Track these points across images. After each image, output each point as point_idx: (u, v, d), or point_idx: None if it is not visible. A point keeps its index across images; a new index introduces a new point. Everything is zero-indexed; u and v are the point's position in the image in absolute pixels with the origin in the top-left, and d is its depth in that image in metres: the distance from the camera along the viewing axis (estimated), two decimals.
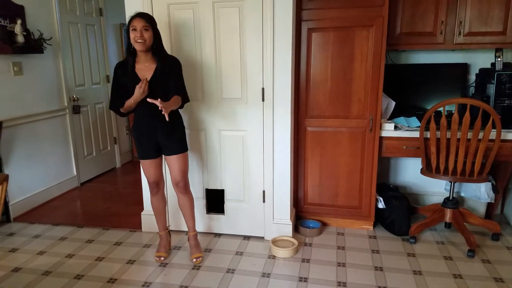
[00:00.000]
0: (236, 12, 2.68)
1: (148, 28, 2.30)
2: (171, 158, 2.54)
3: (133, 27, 2.30)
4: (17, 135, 3.50)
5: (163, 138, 2.49)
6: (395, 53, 3.32)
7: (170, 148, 2.51)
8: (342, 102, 2.93)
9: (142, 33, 2.29)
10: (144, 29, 2.29)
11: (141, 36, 2.28)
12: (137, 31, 2.28)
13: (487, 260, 2.66)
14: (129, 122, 5.27)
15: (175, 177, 2.58)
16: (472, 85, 3.23)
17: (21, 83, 3.53)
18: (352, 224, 3.17)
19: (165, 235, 2.80)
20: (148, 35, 2.31)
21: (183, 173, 2.59)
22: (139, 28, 2.28)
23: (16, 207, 3.50)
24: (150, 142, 2.51)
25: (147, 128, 2.48)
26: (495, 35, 2.87)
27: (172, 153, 2.52)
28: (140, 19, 2.29)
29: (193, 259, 2.71)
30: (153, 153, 2.54)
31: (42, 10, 3.73)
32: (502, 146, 2.78)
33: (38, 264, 2.72)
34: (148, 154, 2.53)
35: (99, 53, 4.61)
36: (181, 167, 2.57)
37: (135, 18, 2.30)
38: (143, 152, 2.53)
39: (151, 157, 2.54)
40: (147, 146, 2.51)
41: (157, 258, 2.73)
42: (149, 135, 2.49)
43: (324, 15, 2.81)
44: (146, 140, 2.50)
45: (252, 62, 2.74)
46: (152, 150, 2.53)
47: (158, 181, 2.65)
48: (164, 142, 2.50)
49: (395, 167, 3.54)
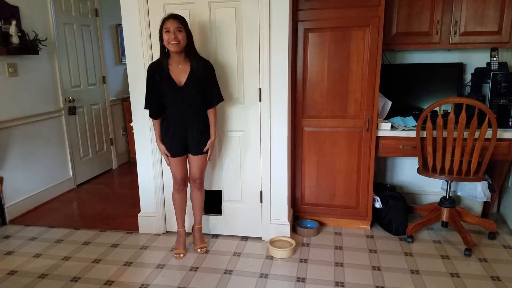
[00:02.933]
0: (232, 13, 2.67)
1: (182, 29, 2.36)
2: (195, 157, 2.66)
3: (166, 29, 2.34)
4: (12, 137, 3.48)
5: (192, 139, 2.61)
6: (391, 53, 3.32)
7: (196, 148, 2.63)
8: (339, 102, 2.93)
9: (176, 35, 2.33)
10: (178, 30, 2.34)
11: (175, 37, 2.33)
12: (171, 32, 2.33)
13: (484, 259, 2.67)
14: (125, 122, 5.25)
15: (194, 173, 2.71)
16: (468, 84, 3.24)
17: (16, 84, 3.50)
18: (350, 224, 3.17)
19: (183, 232, 2.86)
20: (181, 36, 2.36)
21: (202, 171, 2.73)
22: (172, 30, 2.33)
23: (11, 210, 3.48)
24: (180, 142, 2.61)
25: (179, 129, 2.58)
26: (490, 34, 2.89)
27: (197, 153, 2.64)
28: (173, 20, 2.34)
29: (198, 249, 2.82)
30: (181, 152, 2.64)
31: (37, 11, 3.71)
32: (498, 145, 2.80)
33: (34, 267, 2.70)
34: (177, 152, 2.63)
35: (95, 54, 4.59)
36: (201, 166, 2.70)
37: (168, 19, 2.35)
38: (173, 151, 2.63)
39: (180, 155, 2.65)
40: (177, 145, 2.61)
41: (176, 255, 2.77)
42: (180, 136, 2.60)
43: (321, 15, 2.81)
44: (176, 141, 2.60)
45: (249, 62, 2.74)
46: (180, 149, 2.63)
47: (185, 177, 2.74)
48: (192, 142, 2.62)
49: (392, 166, 3.54)
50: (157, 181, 3.05)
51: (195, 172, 2.70)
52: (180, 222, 2.84)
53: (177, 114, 2.55)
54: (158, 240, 3.04)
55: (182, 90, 2.48)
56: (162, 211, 3.11)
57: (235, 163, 2.94)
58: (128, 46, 2.87)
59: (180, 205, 2.80)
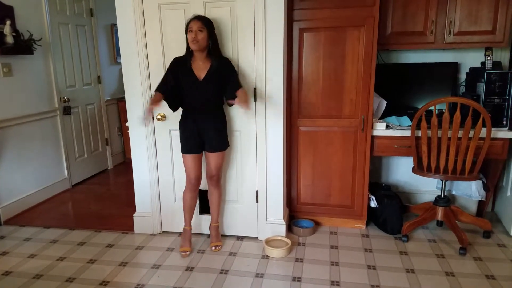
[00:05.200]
0: (227, 12, 2.67)
1: (203, 30, 2.46)
2: (211, 154, 2.69)
3: (190, 29, 2.46)
4: (7, 137, 3.46)
5: (209, 136, 2.64)
6: (386, 53, 3.33)
7: (213, 145, 2.67)
8: (334, 102, 2.93)
9: (197, 34, 2.44)
10: (199, 30, 2.44)
11: (195, 37, 2.44)
12: (193, 32, 2.44)
13: (478, 258, 2.69)
14: (120, 123, 5.24)
15: (210, 171, 2.74)
16: (462, 84, 3.26)
17: (11, 84, 3.49)
18: (345, 223, 3.18)
19: (189, 230, 2.88)
20: (201, 36, 2.45)
21: (218, 168, 2.75)
22: (194, 30, 2.44)
23: (6, 210, 3.46)
24: (196, 138, 2.65)
25: (196, 125, 2.63)
26: (484, 34, 2.90)
27: (214, 150, 2.68)
28: (196, 21, 2.46)
29: (212, 247, 2.86)
30: (196, 149, 2.67)
31: (31, 11, 3.69)
32: (492, 144, 2.81)
33: (29, 267, 2.68)
34: (192, 149, 2.66)
35: (90, 54, 4.58)
36: (218, 163, 2.73)
37: (193, 20, 2.47)
38: (188, 147, 2.66)
39: (194, 152, 2.67)
40: (193, 142, 2.65)
41: (183, 253, 2.79)
42: (197, 132, 2.64)
43: (316, 15, 2.81)
44: (192, 136, 2.64)
45: (244, 62, 2.74)
46: (196, 146, 2.67)
47: (199, 176, 2.76)
48: (209, 139, 2.65)
49: (387, 166, 3.55)
50: (152, 181, 3.04)
51: (212, 169, 2.73)
52: (187, 221, 2.86)
53: (194, 108, 2.61)
54: (153, 240, 3.03)
55: (201, 84, 2.56)
56: (157, 211, 3.10)
57: (231, 163, 2.94)
58: (123, 46, 2.86)
59: (189, 204, 2.82)
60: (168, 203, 3.08)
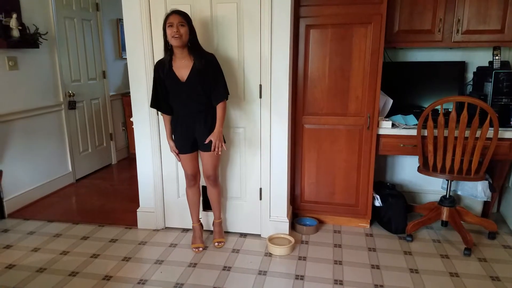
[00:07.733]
0: (233, 8, 2.66)
1: (184, 24, 2.37)
2: (206, 154, 2.65)
3: (169, 24, 2.36)
4: (12, 131, 3.47)
5: (201, 135, 2.59)
6: (393, 51, 3.31)
7: (205, 145, 2.60)
8: (340, 99, 2.91)
9: (178, 29, 2.35)
10: (180, 24, 2.36)
11: (177, 31, 2.34)
12: (173, 26, 2.34)
13: (483, 259, 2.67)
14: (125, 118, 5.24)
15: (207, 171, 2.71)
16: (469, 83, 3.23)
17: (17, 78, 3.49)
18: (349, 222, 3.16)
19: (198, 227, 2.89)
20: (184, 30, 2.37)
21: (214, 168, 2.71)
22: (175, 24, 2.34)
23: (10, 203, 3.47)
24: (188, 138, 2.62)
25: (187, 125, 2.59)
26: (493, 33, 2.87)
27: (207, 149, 2.61)
28: (176, 15, 2.37)
29: (215, 243, 2.85)
30: (189, 148, 2.65)
31: (37, 5, 3.69)
32: (499, 144, 2.78)
33: (33, 261, 2.69)
34: (184, 149, 2.65)
35: (95, 48, 4.57)
36: (213, 163, 2.69)
37: (171, 14, 2.38)
38: (181, 147, 2.65)
39: (188, 152, 2.66)
40: (184, 142, 2.63)
41: (195, 250, 2.80)
42: (188, 132, 2.60)
43: (322, 11, 2.79)
44: (183, 138, 2.62)
45: (250, 58, 2.72)
46: (189, 146, 2.64)
47: (196, 173, 2.75)
48: (201, 138, 2.60)
49: (392, 165, 3.53)
50: (156, 177, 3.04)
51: (208, 169, 2.70)
52: (194, 217, 2.87)
53: (182, 110, 2.56)
54: (157, 235, 3.04)
55: (185, 85, 2.48)
56: (161, 207, 3.10)
57: (235, 160, 2.93)
58: (128, 41, 2.85)
59: (192, 200, 2.82)
60: (171, 199, 3.08)
